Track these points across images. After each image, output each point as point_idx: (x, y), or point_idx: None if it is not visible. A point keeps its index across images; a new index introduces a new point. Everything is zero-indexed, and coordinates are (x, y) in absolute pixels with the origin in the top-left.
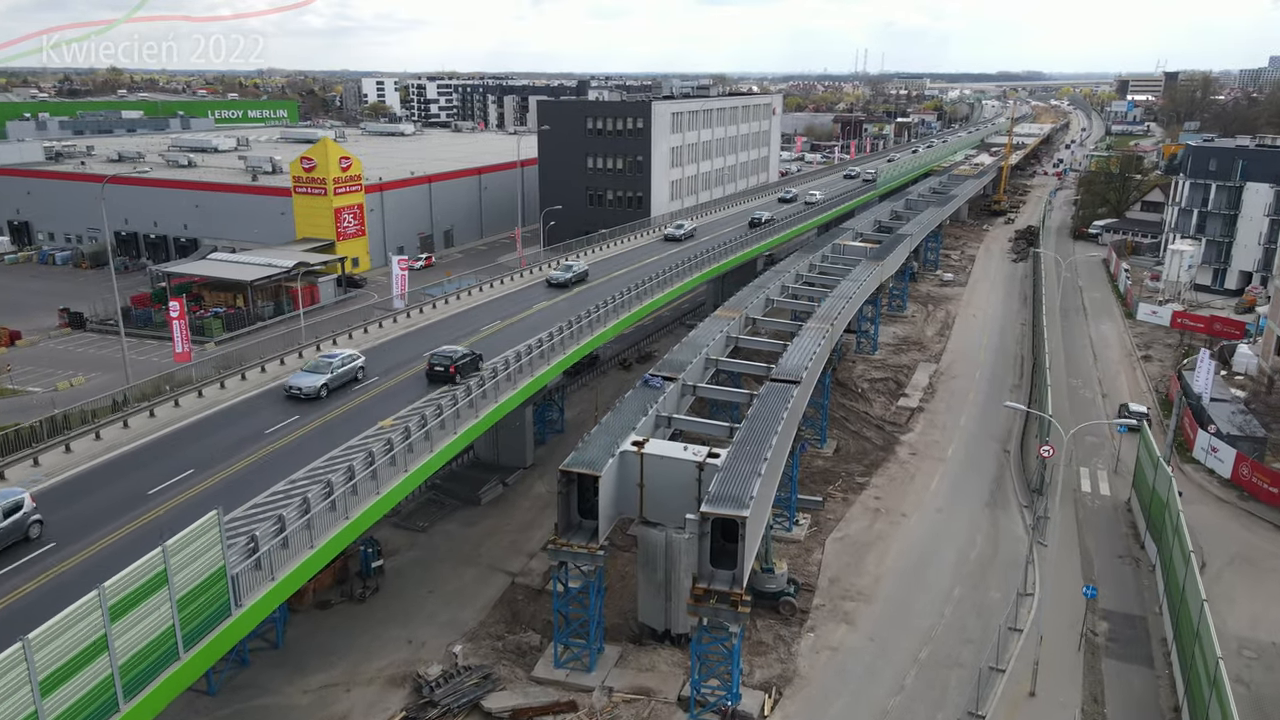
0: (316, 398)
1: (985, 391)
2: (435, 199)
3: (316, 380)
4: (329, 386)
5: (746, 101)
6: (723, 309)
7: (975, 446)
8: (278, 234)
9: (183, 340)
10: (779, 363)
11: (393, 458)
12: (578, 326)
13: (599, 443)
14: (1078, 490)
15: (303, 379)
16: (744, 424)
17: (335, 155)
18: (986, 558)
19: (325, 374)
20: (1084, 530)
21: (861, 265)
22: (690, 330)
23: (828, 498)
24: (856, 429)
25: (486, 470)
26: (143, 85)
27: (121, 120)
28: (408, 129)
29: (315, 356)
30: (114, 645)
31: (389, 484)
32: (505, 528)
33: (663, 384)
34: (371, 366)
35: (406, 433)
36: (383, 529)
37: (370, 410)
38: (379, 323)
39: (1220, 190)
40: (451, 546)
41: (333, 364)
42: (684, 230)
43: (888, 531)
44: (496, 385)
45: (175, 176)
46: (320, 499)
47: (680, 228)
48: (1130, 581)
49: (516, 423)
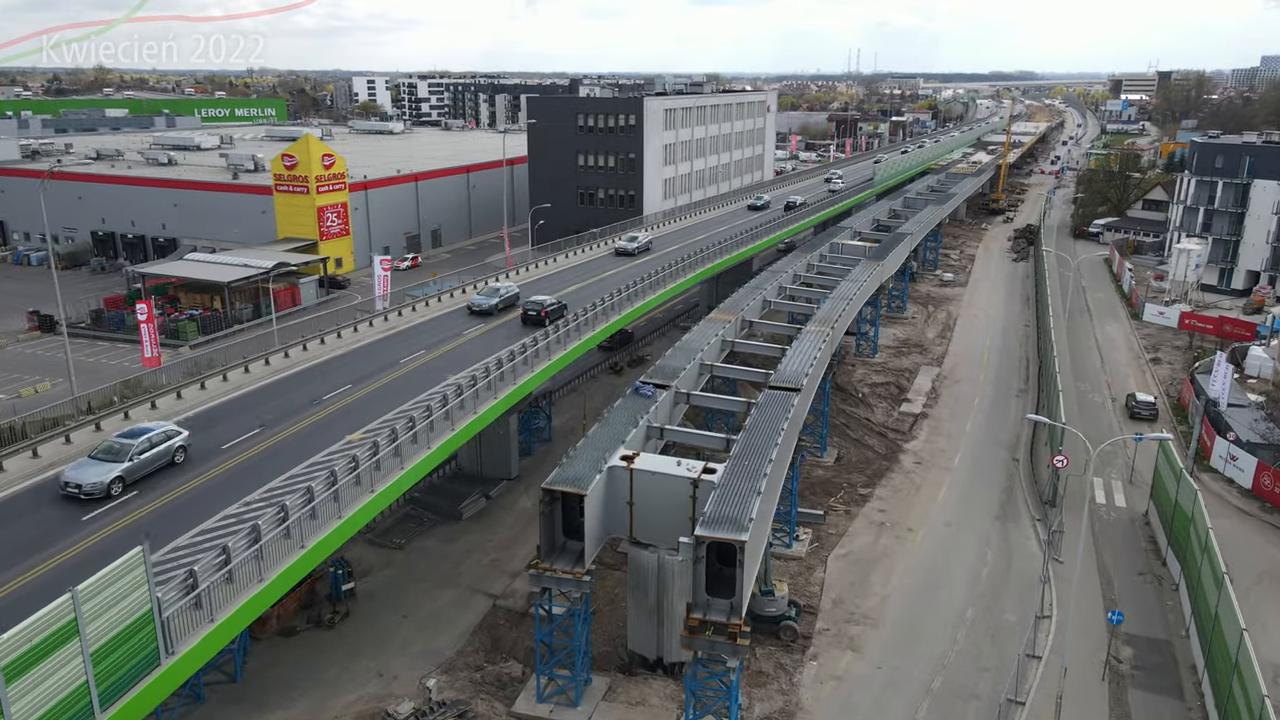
0: (105, 496)
1: (991, 396)
2: (422, 198)
3: (104, 474)
4: (124, 480)
5: (740, 98)
6: (718, 311)
7: (983, 455)
8: (259, 234)
9: (152, 345)
10: (778, 369)
11: (358, 477)
12: (538, 348)
13: (585, 457)
14: (1092, 501)
15: (85, 472)
16: (741, 436)
17: (318, 152)
18: (999, 576)
19: (119, 463)
20: (1101, 545)
21: (861, 265)
22: (684, 333)
23: (829, 511)
24: (858, 436)
25: (469, 482)
26: (132, 84)
27: (105, 119)
28: (396, 127)
29: (112, 437)
30: (9, 711)
31: (352, 506)
32: (487, 544)
33: (654, 392)
34: (340, 374)
35: (374, 448)
36: (356, 546)
37: (339, 427)
38: (354, 326)
39: (1227, 188)
40: (429, 565)
41: (132, 448)
42: (638, 244)
43: (894, 547)
44: (476, 394)
45: (154, 175)
46: (273, 525)
47: (634, 240)
48: (1153, 602)
49: (500, 432)
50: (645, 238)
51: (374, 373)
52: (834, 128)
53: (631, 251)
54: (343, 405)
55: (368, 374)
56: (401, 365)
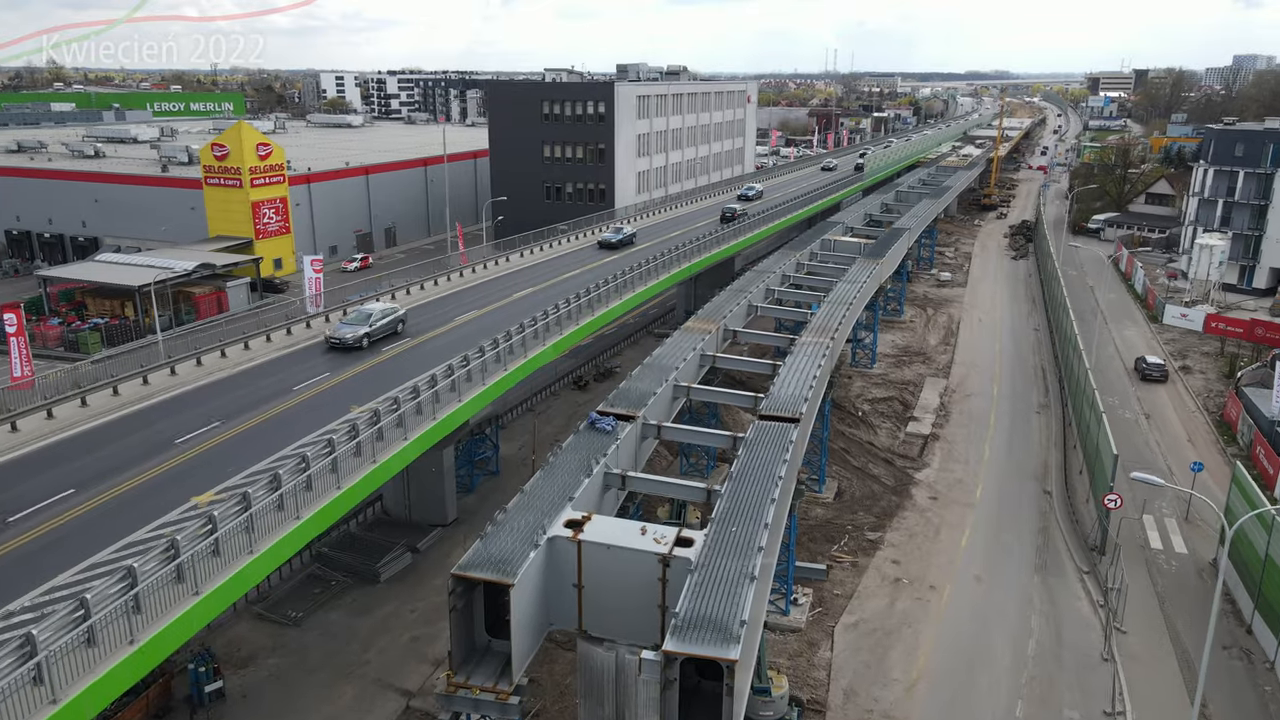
0: None
1: (1008, 413)
2: (374, 193)
3: None
4: None
5: (719, 87)
6: (696, 319)
7: (1008, 486)
8: (189, 232)
9: (22, 361)
10: (770, 391)
11: (216, 543)
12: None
13: (517, 524)
14: (1145, 546)
15: None
16: (727, 487)
17: (251, 141)
18: (1050, 652)
19: None
20: (1167, 607)
21: (857, 264)
22: (660, 342)
23: (832, 564)
24: (861, 464)
25: (393, 530)
26: (95, 82)
27: (50, 113)
28: (355, 120)
29: None
30: None
31: (174, 608)
32: (407, 616)
33: (615, 425)
34: (209, 407)
35: (246, 501)
36: (241, 624)
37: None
38: (245, 344)
39: (1249, 178)
40: (330, 649)
41: None
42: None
43: (915, 613)
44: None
45: (74, 168)
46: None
47: (619, 232)
48: (1245, 686)
49: (433, 468)
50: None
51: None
52: (815, 123)
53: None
54: (203, 450)
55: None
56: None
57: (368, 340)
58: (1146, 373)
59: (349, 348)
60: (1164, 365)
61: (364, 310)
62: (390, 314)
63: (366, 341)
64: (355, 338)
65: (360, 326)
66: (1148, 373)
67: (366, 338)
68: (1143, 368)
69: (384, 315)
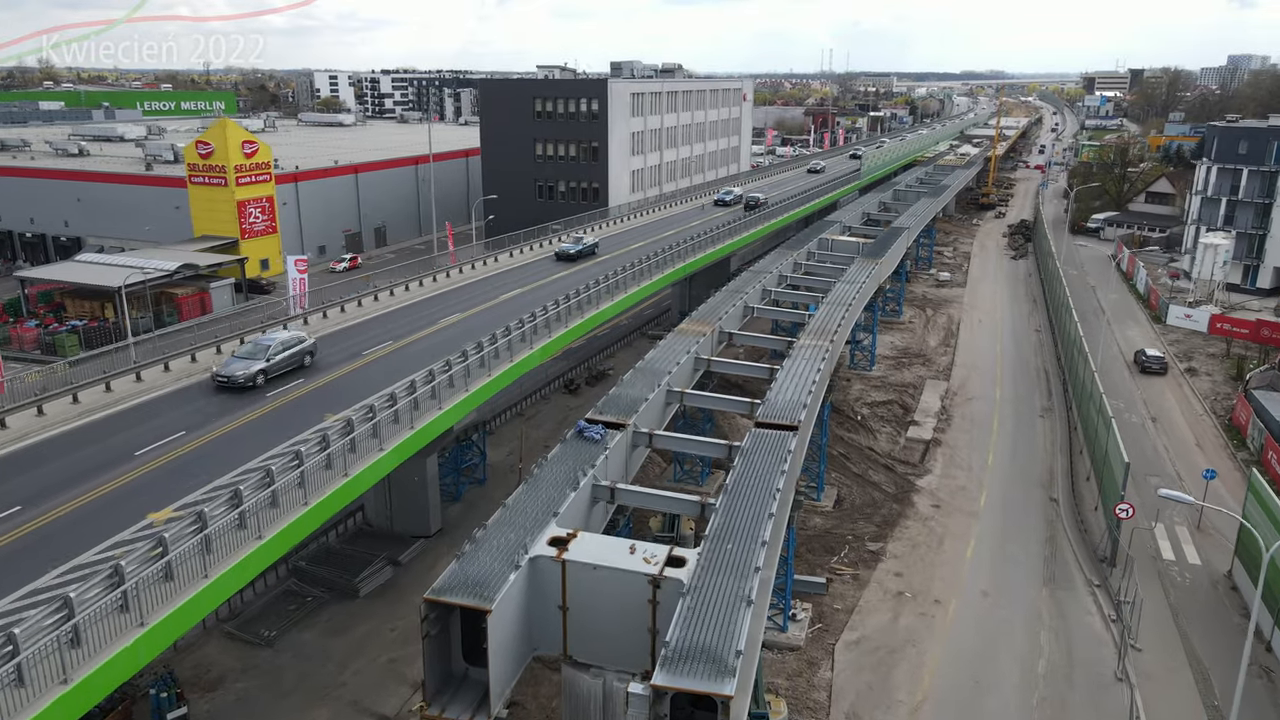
0: None
1: (1011, 417)
2: (364, 191)
3: None
4: None
5: (715, 84)
6: (690, 321)
7: (1013, 494)
8: (174, 231)
9: None
10: (767, 397)
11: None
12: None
13: (496, 543)
14: (1157, 557)
15: None
16: (722, 500)
17: (236, 138)
18: (1061, 671)
19: None
20: (1183, 622)
21: (856, 264)
22: (652, 346)
23: (832, 577)
24: (860, 471)
25: (374, 543)
26: (88, 81)
27: (39, 112)
28: (347, 119)
29: None
30: None
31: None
32: (386, 635)
33: (604, 434)
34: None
35: (200, 521)
36: (210, 643)
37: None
38: (218, 348)
39: (1253, 175)
40: (304, 670)
41: None
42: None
43: (919, 630)
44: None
45: (57, 166)
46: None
47: (579, 242)
48: (1266, 705)
49: (415, 477)
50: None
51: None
52: (811, 122)
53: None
54: (165, 461)
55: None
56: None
57: (264, 378)
58: (1146, 365)
59: (239, 388)
60: (1163, 358)
61: (261, 341)
62: (294, 345)
63: (262, 379)
64: (247, 376)
65: (254, 361)
66: (1147, 365)
67: (262, 374)
68: (1142, 360)
69: (285, 347)
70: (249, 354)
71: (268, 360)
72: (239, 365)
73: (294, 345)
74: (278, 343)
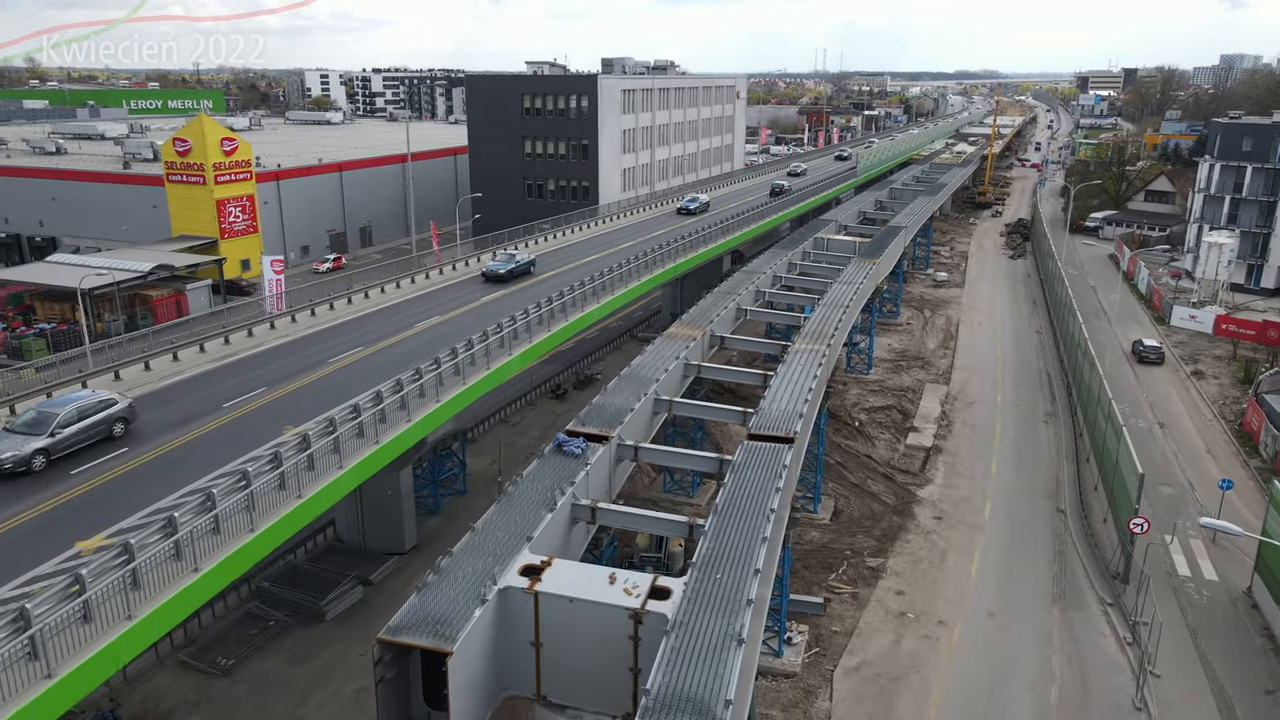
0: None
1: (1014, 422)
2: (349, 190)
3: None
4: None
5: (708, 82)
6: (680, 324)
7: (1018, 505)
8: (151, 231)
9: None
10: (761, 405)
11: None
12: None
13: (463, 571)
14: (1172, 573)
15: None
16: (712, 521)
17: (215, 135)
18: (1074, 699)
19: None
20: (1202, 644)
21: (853, 264)
22: (642, 349)
23: (830, 596)
24: (859, 480)
25: (345, 560)
26: (78, 81)
27: (23, 110)
28: (335, 117)
29: None
30: None
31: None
32: (352, 664)
33: (585, 448)
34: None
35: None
36: (162, 673)
37: None
38: (201, 345)
39: (1257, 173)
40: (261, 704)
41: None
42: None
43: (923, 653)
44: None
45: (32, 164)
46: None
47: (512, 259)
48: None
49: (389, 490)
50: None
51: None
52: (805, 121)
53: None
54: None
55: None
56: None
57: (45, 459)
58: (1143, 355)
59: (4, 474)
60: (1160, 348)
61: (45, 409)
62: (95, 411)
63: (43, 461)
64: (18, 459)
65: (34, 437)
66: (1144, 355)
67: (43, 455)
68: (1140, 350)
69: (81, 415)
70: (25, 427)
71: (50, 436)
72: (5, 445)
73: (93, 413)
74: (72, 410)
